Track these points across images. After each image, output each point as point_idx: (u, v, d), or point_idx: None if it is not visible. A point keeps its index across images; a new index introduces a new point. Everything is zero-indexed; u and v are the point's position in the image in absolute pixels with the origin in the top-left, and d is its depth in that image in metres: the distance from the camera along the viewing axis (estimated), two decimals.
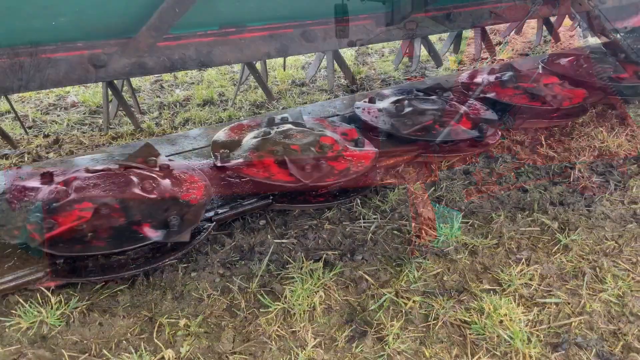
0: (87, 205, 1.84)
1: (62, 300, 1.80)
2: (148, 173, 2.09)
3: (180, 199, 2.00)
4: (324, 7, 2.01)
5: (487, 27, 3.22)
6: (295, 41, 1.97)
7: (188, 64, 1.74)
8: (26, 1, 1.38)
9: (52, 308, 1.76)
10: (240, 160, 2.22)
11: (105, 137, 3.23)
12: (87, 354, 1.62)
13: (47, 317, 1.72)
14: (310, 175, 2.17)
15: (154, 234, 1.81)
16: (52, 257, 1.80)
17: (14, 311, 1.74)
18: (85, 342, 1.66)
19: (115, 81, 2.38)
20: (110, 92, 2.46)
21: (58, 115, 3.60)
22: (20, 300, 1.77)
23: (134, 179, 2.01)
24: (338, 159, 2.29)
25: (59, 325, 1.71)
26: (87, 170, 2.05)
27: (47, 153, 3.08)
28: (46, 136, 3.28)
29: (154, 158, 2.22)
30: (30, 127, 3.41)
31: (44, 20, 1.45)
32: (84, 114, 3.63)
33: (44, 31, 1.51)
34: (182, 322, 1.73)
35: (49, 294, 1.79)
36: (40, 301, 1.78)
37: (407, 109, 2.78)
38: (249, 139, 2.38)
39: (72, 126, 3.44)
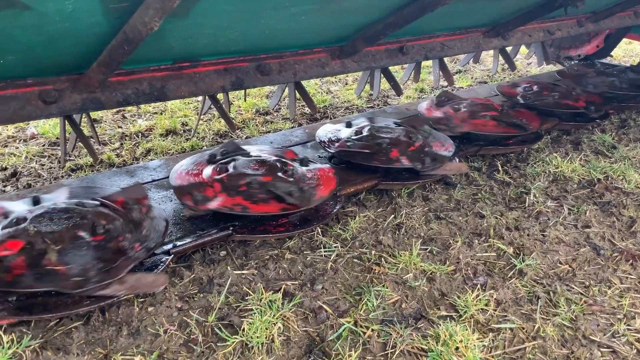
0: None
1: (15, 338, 1.76)
2: None
3: None
4: (278, 42, 2.05)
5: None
6: (250, 74, 1.99)
7: (141, 99, 1.75)
8: None
9: (3, 347, 1.71)
10: None
11: (63, 169, 3.19)
12: None
13: None
14: None
15: None
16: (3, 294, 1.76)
17: None
18: None
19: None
20: (68, 124, 2.44)
21: (17, 148, 3.55)
22: None
23: None
24: None
25: None
26: None
27: (4, 186, 3.03)
28: (4, 169, 3.23)
29: None
30: None
31: None
32: (44, 146, 3.58)
33: None
34: (137, 358, 1.70)
35: (1, 333, 1.75)
36: None
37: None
38: None
39: (30, 158, 3.39)
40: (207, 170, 2.37)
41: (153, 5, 1.31)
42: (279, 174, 2.39)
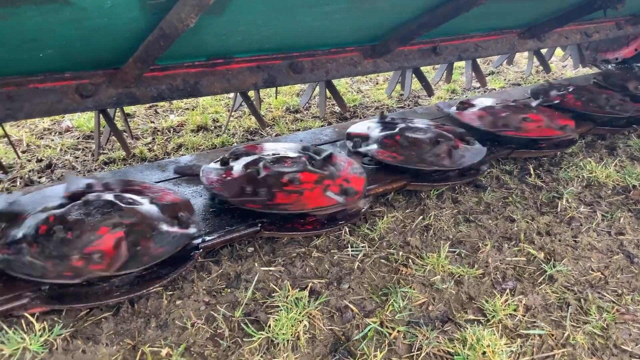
0: None
1: (46, 326, 1.80)
2: None
3: None
4: (311, 40, 2.05)
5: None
6: (283, 72, 2.00)
7: (175, 94, 1.77)
8: (13, 35, 1.42)
9: (35, 335, 1.75)
10: None
11: (97, 162, 3.25)
12: None
13: (31, 344, 1.72)
14: None
15: None
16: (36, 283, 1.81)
17: None
18: None
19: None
20: (102, 118, 2.48)
21: (52, 140, 3.63)
22: (4, 326, 1.76)
23: None
24: None
25: (42, 352, 1.71)
26: None
27: (40, 178, 3.10)
28: (39, 161, 3.31)
29: None
30: (24, 152, 3.43)
31: (31, 52, 1.48)
32: (78, 138, 3.66)
33: (32, 62, 1.54)
34: (165, 351, 1.73)
35: (33, 321, 1.79)
36: (25, 328, 1.78)
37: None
38: None
39: (65, 151, 3.47)
40: None
41: (190, 2, 1.33)
42: None
